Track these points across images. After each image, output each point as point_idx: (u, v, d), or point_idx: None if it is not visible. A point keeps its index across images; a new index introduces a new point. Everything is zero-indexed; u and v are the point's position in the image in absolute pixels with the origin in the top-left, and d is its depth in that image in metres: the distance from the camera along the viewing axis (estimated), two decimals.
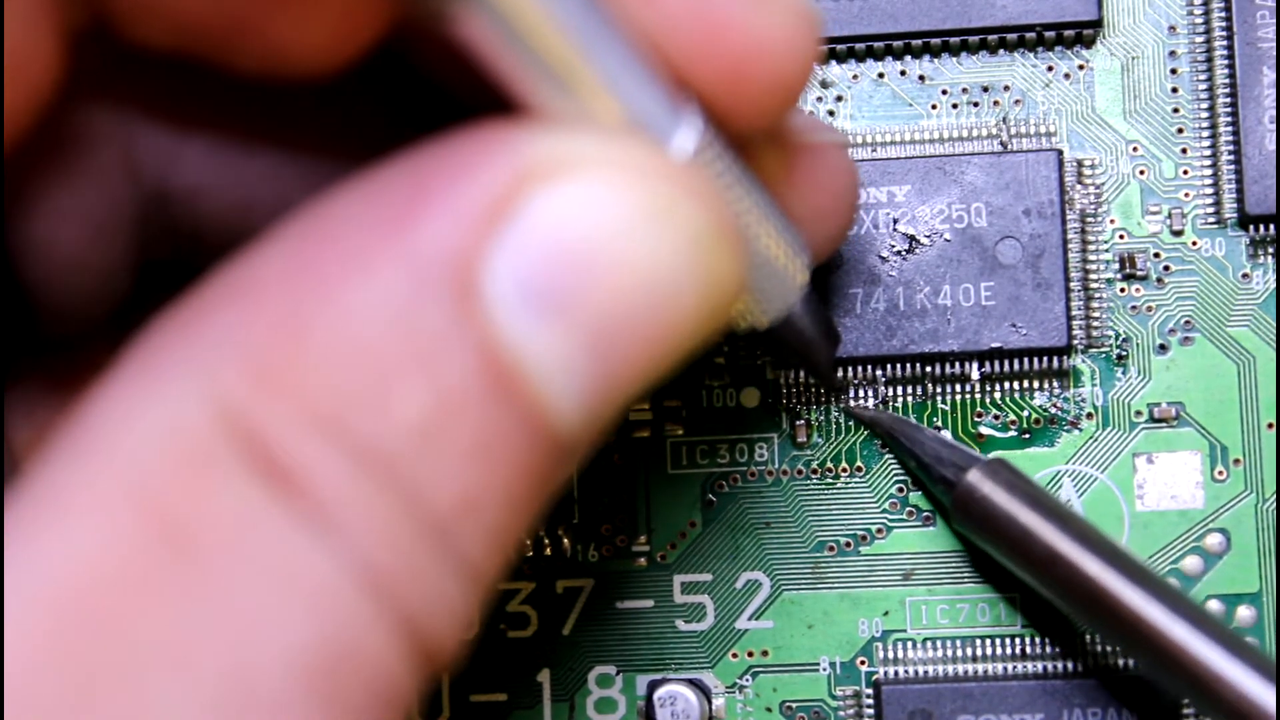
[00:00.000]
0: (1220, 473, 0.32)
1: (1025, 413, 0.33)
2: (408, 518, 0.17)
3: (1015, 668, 0.32)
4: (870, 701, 0.32)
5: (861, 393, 0.33)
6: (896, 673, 0.32)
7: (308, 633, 0.16)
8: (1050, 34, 0.33)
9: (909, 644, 0.32)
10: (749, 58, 0.21)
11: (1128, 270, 0.32)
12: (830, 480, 0.33)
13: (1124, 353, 0.32)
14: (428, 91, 0.23)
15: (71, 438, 0.17)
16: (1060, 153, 0.32)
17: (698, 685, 0.32)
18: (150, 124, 0.22)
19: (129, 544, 0.16)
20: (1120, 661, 0.32)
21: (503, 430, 0.17)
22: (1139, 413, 0.32)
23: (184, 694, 0.16)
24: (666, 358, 0.19)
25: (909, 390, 0.33)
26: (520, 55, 0.19)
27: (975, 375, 0.32)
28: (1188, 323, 0.32)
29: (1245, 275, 0.32)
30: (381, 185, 0.18)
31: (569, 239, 0.18)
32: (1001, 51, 0.33)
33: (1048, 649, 0.32)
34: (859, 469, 0.33)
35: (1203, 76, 0.33)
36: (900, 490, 0.33)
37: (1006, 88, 0.33)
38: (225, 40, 0.20)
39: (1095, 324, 0.32)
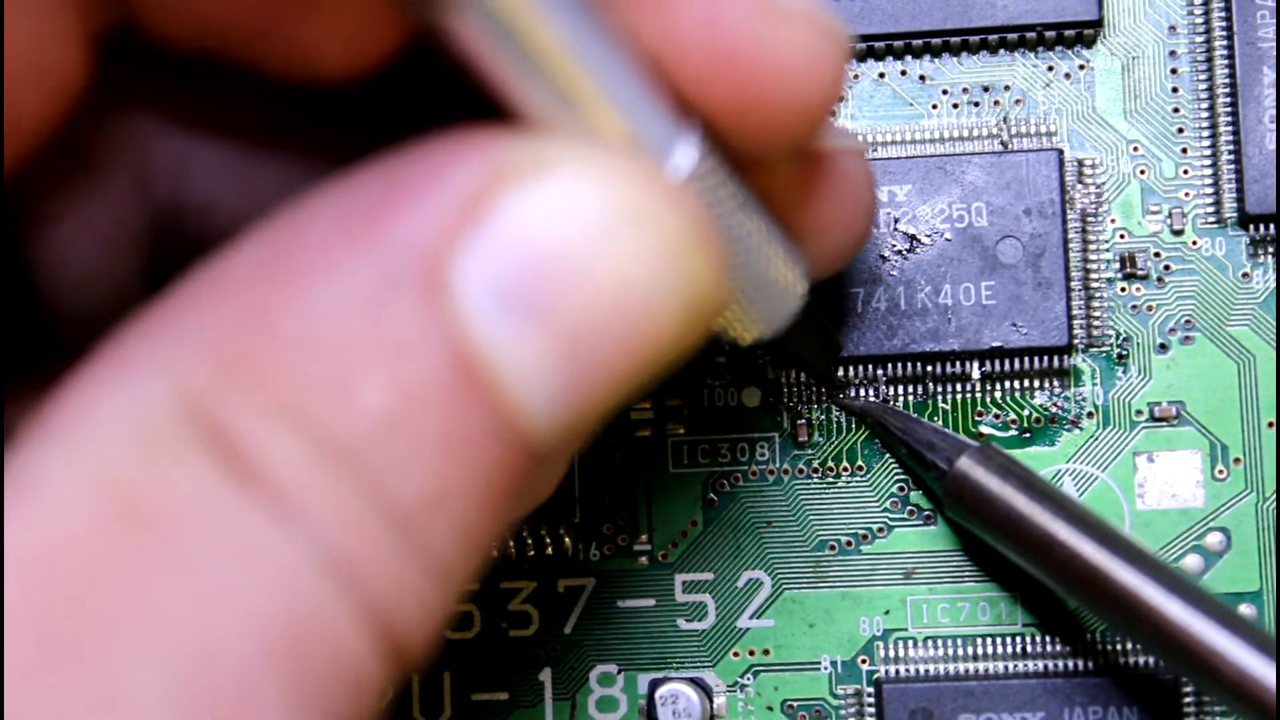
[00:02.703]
0: (1221, 471, 0.32)
1: (1026, 412, 0.33)
2: (369, 507, 0.17)
3: (1016, 666, 0.32)
4: (871, 700, 0.32)
5: (862, 392, 0.33)
6: (898, 671, 0.32)
7: (268, 607, 0.16)
8: (1050, 34, 0.33)
9: (910, 643, 0.32)
10: (763, 81, 0.21)
11: (1128, 269, 0.32)
12: (831, 479, 0.33)
13: (1124, 352, 0.32)
14: (445, 102, 0.23)
15: (43, 423, 0.17)
16: (1061, 152, 0.32)
17: (699, 684, 0.32)
18: (164, 138, 0.22)
19: (89, 521, 0.16)
20: (1121, 660, 0.32)
21: (470, 427, 0.18)
22: (1139, 412, 0.32)
23: (148, 662, 0.16)
24: (644, 363, 0.18)
25: (910, 389, 0.33)
26: (512, 66, 0.19)
27: (976, 374, 0.32)
28: (1188, 322, 0.32)
29: (1245, 275, 0.32)
30: (355, 185, 0.18)
31: (541, 239, 0.18)
32: (1002, 51, 0.33)
33: (1049, 647, 0.32)
34: (860, 468, 0.33)
35: (1203, 76, 0.33)
36: (901, 489, 0.33)
37: (1007, 87, 0.33)
38: (252, 40, 0.20)
39: (1096, 323, 0.32)
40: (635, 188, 0.18)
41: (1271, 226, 0.32)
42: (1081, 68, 0.33)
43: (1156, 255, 0.33)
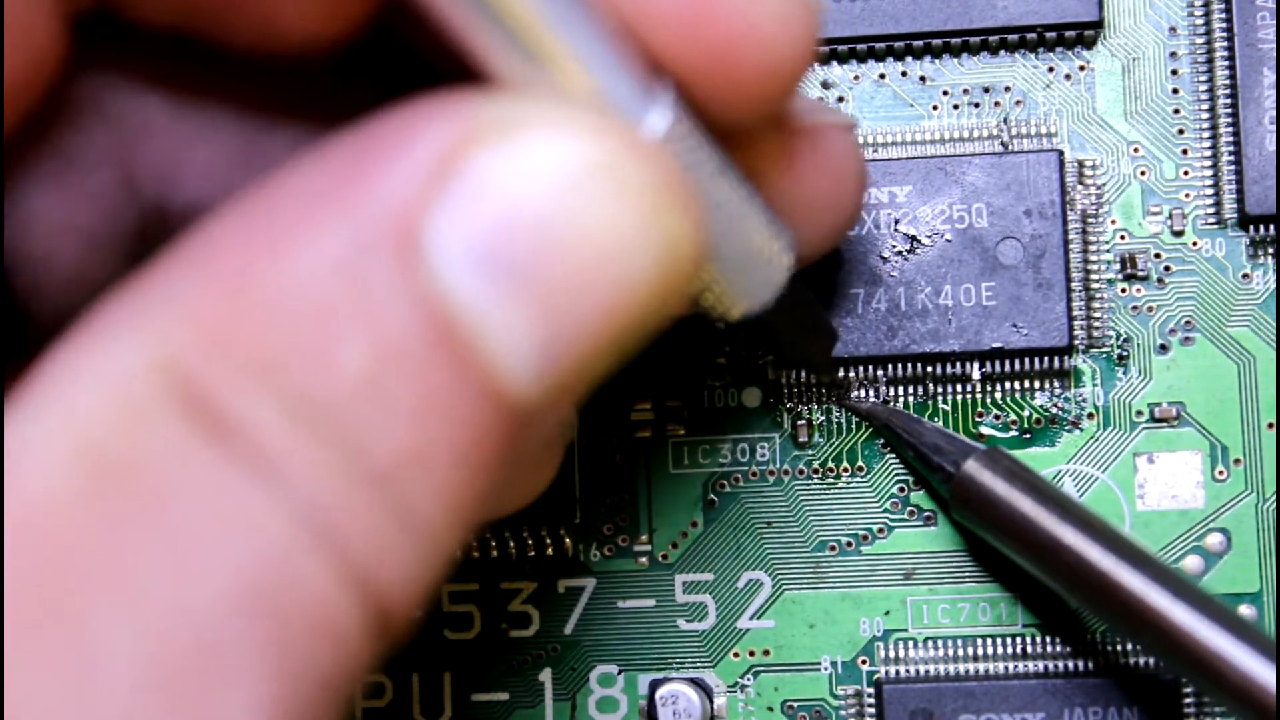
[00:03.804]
0: (1221, 472, 0.32)
1: (1026, 413, 0.33)
2: (347, 466, 0.17)
3: (1016, 667, 0.32)
4: (872, 701, 0.32)
5: (863, 392, 0.33)
6: (898, 672, 0.32)
7: (246, 565, 0.17)
8: (1051, 35, 0.33)
9: (910, 643, 0.32)
10: (735, 46, 0.21)
11: (1128, 270, 0.32)
12: (831, 480, 0.33)
13: (1125, 353, 0.32)
14: (423, 79, 0.23)
15: (25, 391, 0.17)
16: (1061, 153, 0.32)
17: (699, 684, 0.32)
18: (150, 138, 0.22)
19: (68, 484, 0.16)
20: (1122, 660, 0.32)
21: (447, 387, 0.18)
22: (1140, 413, 0.32)
23: (126, 617, 0.16)
24: (625, 322, 0.18)
25: (910, 390, 0.33)
26: (479, 24, 0.19)
27: (976, 375, 0.32)
28: (1188, 323, 0.32)
29: (1245, 275, 0.32)
30: (329, 152, 0.18)
31: (513, 196, 0.18)
32: (1002, 52, 0.33)
33: (1049, 648, 0.32)
34: (860, 469, 0.33)
35: (1203, 77, 0.33)
36: (901, 490, 0.33)
37: (1007, 88, 0.33)
38: (220, 13, 0.20)
39: (1096, 324, 0.32)
40: (608, 144, 0.18)
41: (1271, 227, 0.32)
42: (1082, 69, 0.33)
43: (1157, 256, 0.33)
